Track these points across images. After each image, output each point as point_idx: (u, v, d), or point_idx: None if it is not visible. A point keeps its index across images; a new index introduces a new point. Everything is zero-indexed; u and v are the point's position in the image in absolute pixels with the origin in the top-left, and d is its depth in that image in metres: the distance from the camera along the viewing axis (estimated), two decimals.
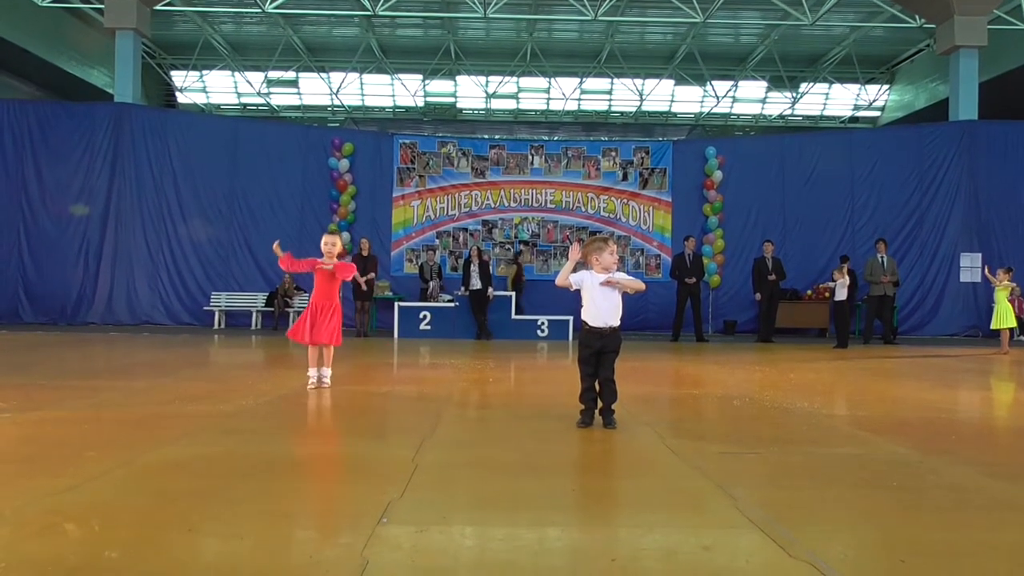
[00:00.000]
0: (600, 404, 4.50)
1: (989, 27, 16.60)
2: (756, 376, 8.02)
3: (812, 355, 10.73)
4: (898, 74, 26.97)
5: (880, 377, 8.05)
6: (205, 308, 15.25)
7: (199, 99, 27.31)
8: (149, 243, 15.30)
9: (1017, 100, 20.59)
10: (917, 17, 19.10)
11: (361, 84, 27.00)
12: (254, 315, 15.36)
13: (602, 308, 4.46)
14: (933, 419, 5.18)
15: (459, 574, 2.13)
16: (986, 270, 12.14)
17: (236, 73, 26.14)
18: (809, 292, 15.27)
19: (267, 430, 4.42)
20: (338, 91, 26.50)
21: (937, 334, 14.97)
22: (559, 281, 4.60)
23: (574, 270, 4.54)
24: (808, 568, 2.16)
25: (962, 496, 3.07)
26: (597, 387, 4.52)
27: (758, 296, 13.86)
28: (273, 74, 25.63)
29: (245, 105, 27.94)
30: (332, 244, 6.20)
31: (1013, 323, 11.61)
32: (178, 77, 26.20)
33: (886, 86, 27.51)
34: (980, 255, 14.88)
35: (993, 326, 11.63)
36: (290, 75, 26.08)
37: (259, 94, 26.57)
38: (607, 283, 4.44)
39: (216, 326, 15.08)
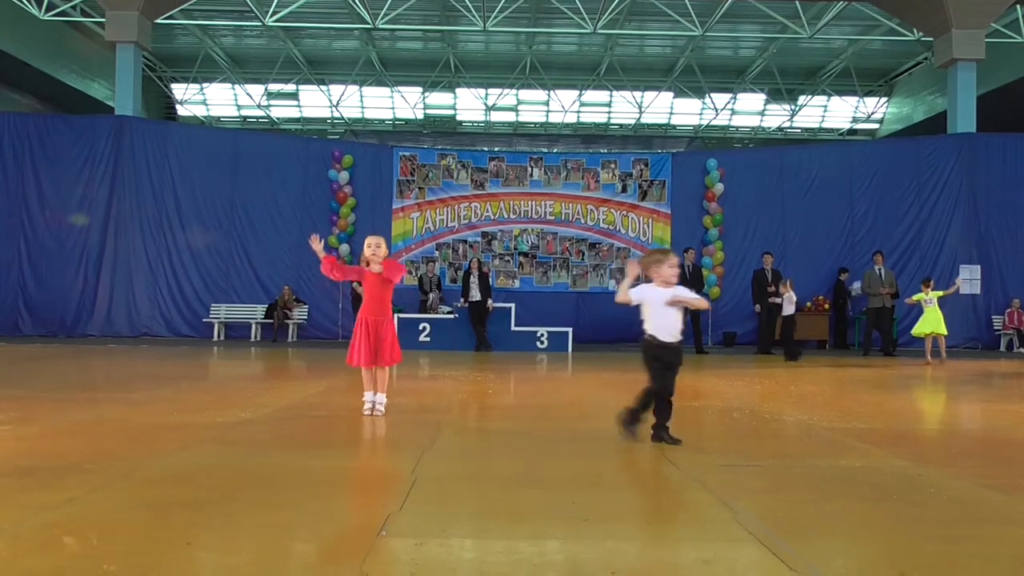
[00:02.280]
0: (652, 419, 4.42)
1: (987, 40, 16.69)
2: (756, 388, 8.01)
3: (812, 367, 10.72)
4: (896, 87, 27.08)
5: (879, 389, 8.03)
6: (204, 320, 15.25)
7: (199, 111, 27.42)
8: (149, 255, 15.32)
9: (1015, 113, 20.68)
10: (915, 30, 19.20)
11: (361, 96, 27.12)
12: (253, 327, 15.35)
13: (669, 323, 4.42)
14: (931, 431, 5.17)
15: None
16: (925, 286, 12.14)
17: (236, 86, 26.26)
18: (809, 304, 15.27)
19: (266, 443, 4.41)
20: (338, 103, 26.60)
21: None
22: (619, 298, 4.53)
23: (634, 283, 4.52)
24: None
25: (961, 509, 3.06)
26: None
27: (758, 308, 13.87)
28: (273, 87, 25.76)
29: (245, 117, 28.05)
30: (377, 245, 5.23)
31: (942, 330, 11.58)
32: (178, 90, 26.32)
33: (884, 99, 27.63)
34: (979, 267, 14.90)
35: (915, 333, 11.83)
36: (290, 88, 26.20)
37: (259, 106, 26.68)
38: (673, 302, 4.39)
39: (215, 338, 15.08)
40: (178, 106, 26.68)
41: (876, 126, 28.30)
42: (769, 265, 13.85)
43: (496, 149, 20.29)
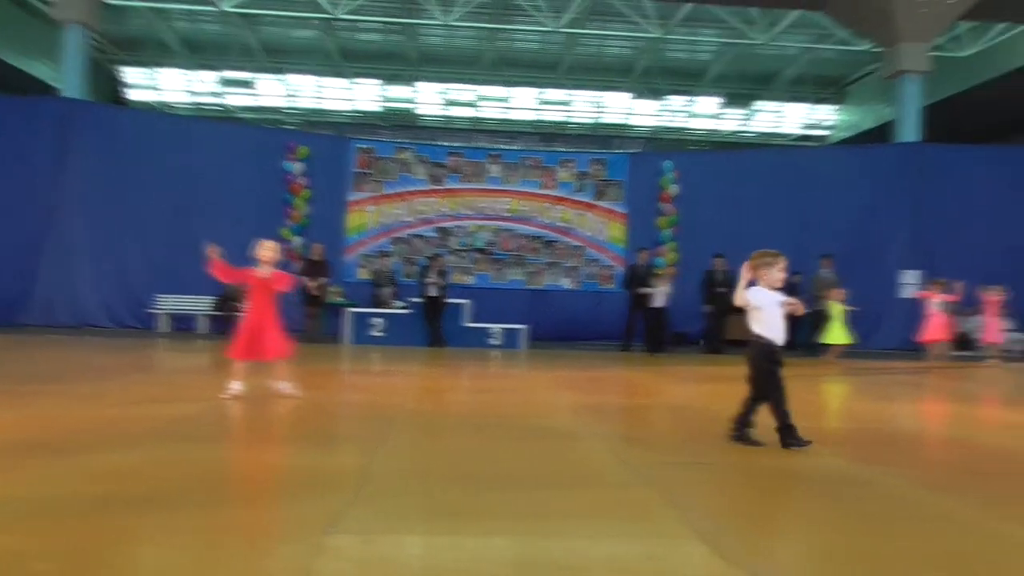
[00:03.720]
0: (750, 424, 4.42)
1: (933, 54, 17.22)
2: (704, 387, 8.16)
3: None
4: (847, 95, 27.78)
5: (822, 390, 8.25)
6: (150, 311, 14.88)
7: (150, 97, 26.72)
8: (93, 243, 14.87)
9: (958, 124, 21.40)
10: (866, 41, 19.72)
11: (318, 87, 26.75)
12: (201, 319, 15.04)
13: (781, 326, 4.43)
14: (871, 431, 5.33)
15: None
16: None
17: (190, 71, 25.67)
18: None
19: (213, 437, 4.34)
20: (295, 94, 26.20)
21: (880, 348, 15.39)
22: (738, 301, 4.48)
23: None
24: None
25: (898, 507, 3.17)
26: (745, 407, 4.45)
27: (707, 308, 14.09)
28: (228, 74, 25.24)
29: (198, 104, 27.43)
30: (269, 249, 5.89)
31: (846, 340, 12.09)
32: (129, 74, 25.60)
33: (836, 106, 28.32)
34: (920, 272, 15.36)
35: (825, 340, 12.20)
36: (246, 76, 25.71)
37: (213, 94, 26.13)
38: (787, 305, 4.45)
39: (161, 330, 14.73)
40: (128, 90, 25.96)
41: (827, 133, 28.99)
42: (720, 267, 14.07)
43: (455, 144, 20.22)
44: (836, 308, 12.30)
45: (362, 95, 27.14)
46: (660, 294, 12.49)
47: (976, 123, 22.63)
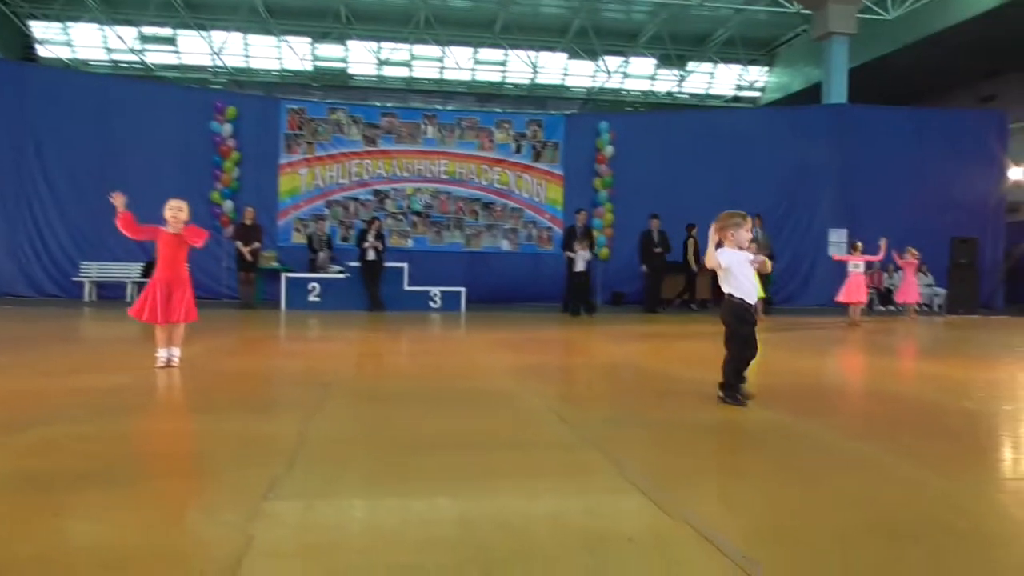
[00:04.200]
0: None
1: (859, 16, 17.61)
2: (642, 346, 8.32)
3: (695, 326, 11.21)
4: (777, 57, 28.25)
5: (761, 346, 8.49)
6: (74, 279, 14.29)
7: (63, 53, 25.30)
8: (7, 209, 14.12)
9: (883, 86, 22.05)
10: (795, 3, 20.02)
11: (245, 45, 25.77)
12: (129, 286, 14.53)
13: (751, 285, 4.48)
14: (801, 384, 5.53)
15: (348, 547, 2.11)
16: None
17: (106, 27, 24.35)
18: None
19: (145, 407, 4.21)
20: (220, 51, 25.19)
21: (808, 305, 15.95)
22: (709, 263, 4.47)
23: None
24: (685, 527, 2.27)
25: (826, 457, 3.31)
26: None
27: (644, 268, 14.31)
28: (148, 30, 24.05)
29: (116, 62, 26.11)
30: (179, 209, 5.48)
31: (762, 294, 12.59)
32: (38, 28, 24.14)
33: (766, 68, 28.79)
34: (846, 231, 15.92)
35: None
36: (167, 32, 24.54)
37: (132, 51, 24.90)
38: (756, 263, 4.49)
39: (86, 298, 14.18)
40: (38, 46, 24.50)
41: (758, 94, 29.49)
42: (656, 227, 14.28)
43: (389, 105, 19.82)
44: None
45: (291, 54, 26.27)
46: (580, 258, 12.66)
47: (900, 85, 23.35)
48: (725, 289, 4.49)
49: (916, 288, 13.60)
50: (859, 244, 12.57)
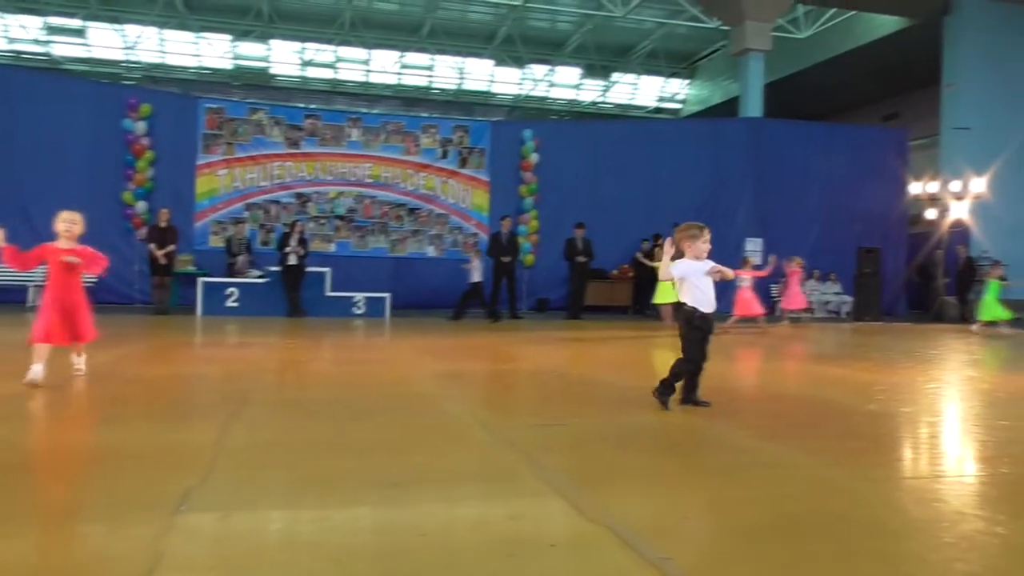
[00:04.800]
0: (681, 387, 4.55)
1: (774, 34, 18.35)
2: (565, 352, 8.42)
3: (617, 332, 11.41)
4: (698, 71, 29.14)
5: (675, 351, 8.71)
6: None
7: None
8: None
9: (796, 102, 23.03)
10: (714, 18, 20.70)
11: (161, 40, 24.88)
12: (30, 291, 13.76)
13: (708, 295, 4.56)
14: (718, 388, 5.70)
15: (265, 559, 2.06)
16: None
17: (7, 15, 23.08)
18: (615, 271, 16.20)
19: (50, 417, 4.01)
20: (134, 46, 24.23)
21: (726, 312, 16.43)
22: (663, 276, 4.63)
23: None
24: (604, 530, 2.31)
25: (740, 457, 3.42)
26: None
27: (569, 275, 14.49)
28: (55, 20, 22.93)
29: (19, 53, 24.78)
30: (72, 222, 5.00)
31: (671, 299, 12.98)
32: None
33: (687, 81, 29.64)
34: (761, 240, 16.50)
35: (655, 301, 12.98)
36: (76, 23, 23.46)
37: (37, 41, 23.67)
38: (714, 272, 4.56)
39: None
40: None
41: (679, 106, 30.33)
42: (581, 235, 14.48)
43: (312, 107, 19.47)
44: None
45: (210, 51, 25.51)
46: (475, 269, 12.89)
47: (812, 101, 24.45)
48: (681, 298, 4.65)
49: (800, 295, 14.15)
50: (750, 259, 13.02)
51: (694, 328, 4.55)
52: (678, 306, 4.72)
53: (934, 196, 17.12)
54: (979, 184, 16.41)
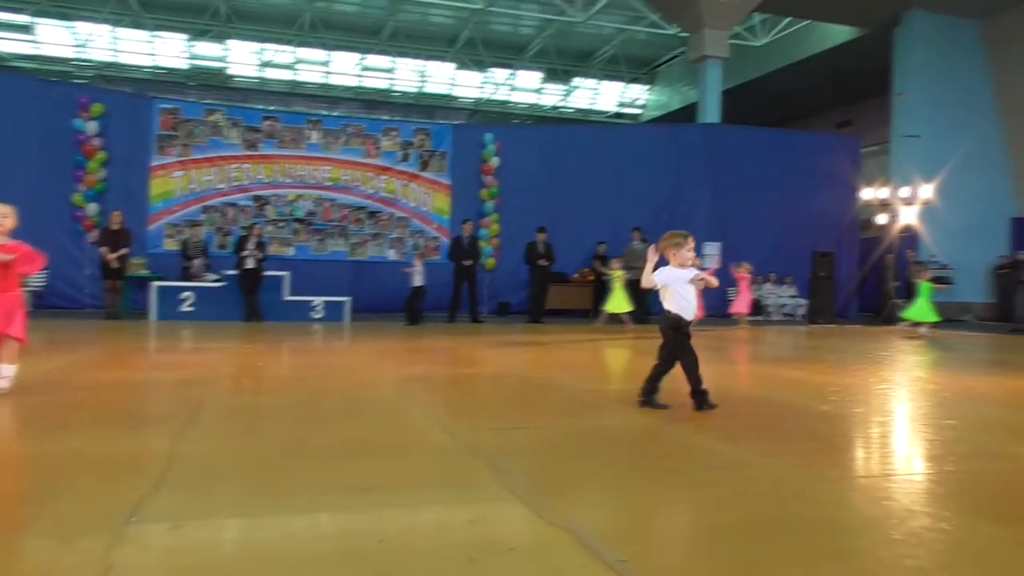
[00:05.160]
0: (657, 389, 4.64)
1: (732, 42, 18.66)
2: (526, 355, 8.43)
3: (577, 335, 11.47)
4: (658, 76, 29.49)
5: (634, 354, 8.79)
6: None
7: None
8: None
9: (753, 109, 23.44)
10: (674, 25, 20.98)
11: (114, 39, 24.33)
12: None
13: (692, 302, 4.66)
14: (676, 391, 5.76)
15: (220, 569, 2.02)
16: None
17: None
18: (576, 275, 16.28)
19: None
20: (85, 44, 23.65)
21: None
22: (645, 283, 4.66)
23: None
24: (563, 533, 2.32)
25: (699, 459, 3.47)
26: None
27: (530, 279, 14.54)
28: (1, 16, 22.27)
29: None
30: (3, 216, 4.58)
31: (627, 308, 13.12)
32: None
33: (647, 86, 29.98)
34: (719, 244, 16.75)
35: (608, 310, 13.16)
36: (23, 19, 22.81)
37: None
38: (698, 280, 4.65)
39: None
40: None
41: (639, 111, 30.65)
42: (542, 239, 14.53)
43: (271, 108, 19.22)
44: (617, 281, 13.08)
45: (166, 50, 25.03)
46: (417, 273, 12.89)
47: (768, 108, 24.91)
48: (665, 306, 4.73)
49: (748, 299, 14.41)
50: (698, 260, 13.17)
51: (684, 335, 4.67)
52: (662, 313, 4.79)
53: (885, 202, 17.56)
54: (927, 190, 16.87)
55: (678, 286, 4.63)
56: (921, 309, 12.75)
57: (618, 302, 13.08)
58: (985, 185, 18.57)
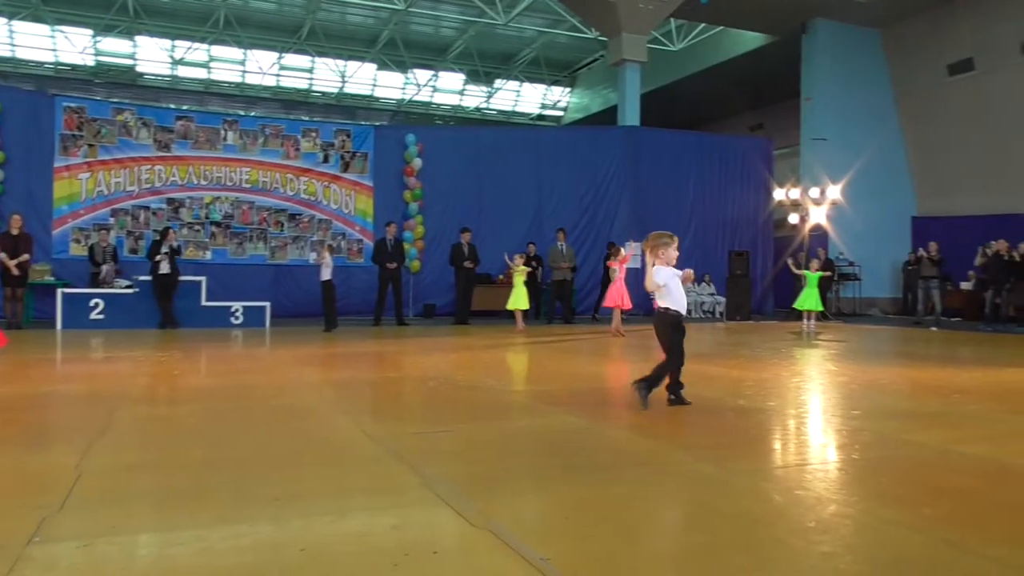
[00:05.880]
0: (662, 383, 4.79)
1: (649, 46, 19.07)
2: (452, 357, 8.41)
3: (503, 337, 11.51)
4: (578, 79, 29.88)
5: (559, 354, 8.90)
6: None
7: None
8: None
9: (671, 111, 24.02)
10: (593, 29, 21.31)
11: (11, 32, 23.05)
12: None
13: (683, 298, 4.88)
14: (599, 389, 5.87)
15: None
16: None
17: None
18: (501, 276, 16.33)
19: None
20: None
21: (608, 314, 16.90)
22: (648, 286, 4.88)
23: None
24: (487, 535, 2.33)
25: (619, 457, 3.53)
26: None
27: (455, 280, 14.50)
28: None
29: None
30: None
31: (526, 305, 13.02)
32: None
33: (568, 89, 30.35)
34: (639, 243, 17.10)
35: (509, 307, 12.96)
36: None
37: None
38: (684, 279, 4.90)
39: None
40: None
41: (561, 113, 31.00)
42: (466, 240, 14.53)
43: (184, 108, 18.56)
44: (519, 278, 12.95)
45: (68, 46, 23.86)
46: (325, 266, 12.34)
47: (685, 111, 25.59)
48: (661, 304, 4.89)
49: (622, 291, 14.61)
50: (621, 249, 13.24)
51: (675, 330, 4.86)
52: (652, 311, 5.04)
53: (796, 202, 18.28)
54: (835, 191, 17.64)
55: (673, 283, 4.86)
56: (809, 298, 13.34)
57: (517, 298, 12.96)
58: (888, 186, 19.57)
